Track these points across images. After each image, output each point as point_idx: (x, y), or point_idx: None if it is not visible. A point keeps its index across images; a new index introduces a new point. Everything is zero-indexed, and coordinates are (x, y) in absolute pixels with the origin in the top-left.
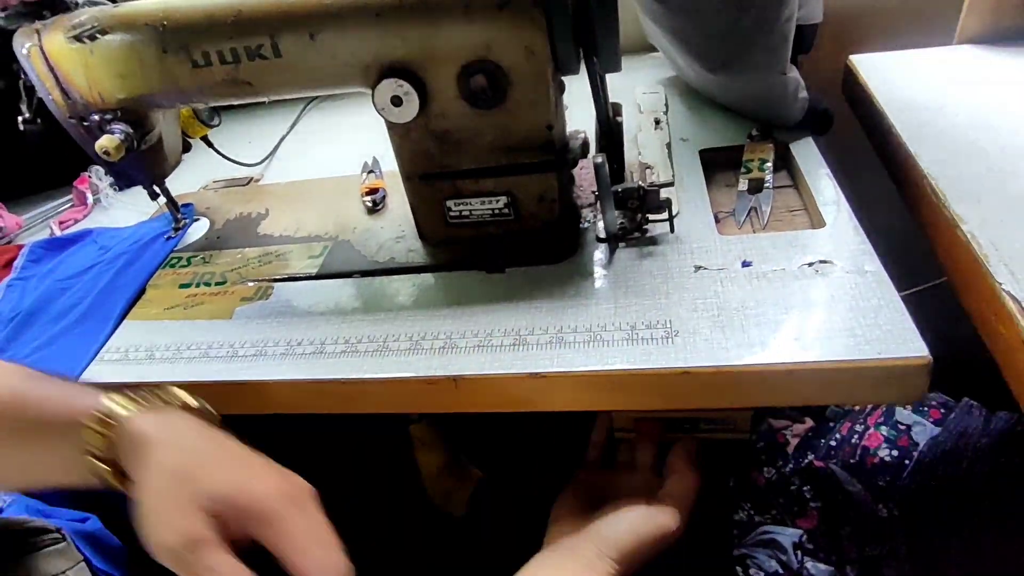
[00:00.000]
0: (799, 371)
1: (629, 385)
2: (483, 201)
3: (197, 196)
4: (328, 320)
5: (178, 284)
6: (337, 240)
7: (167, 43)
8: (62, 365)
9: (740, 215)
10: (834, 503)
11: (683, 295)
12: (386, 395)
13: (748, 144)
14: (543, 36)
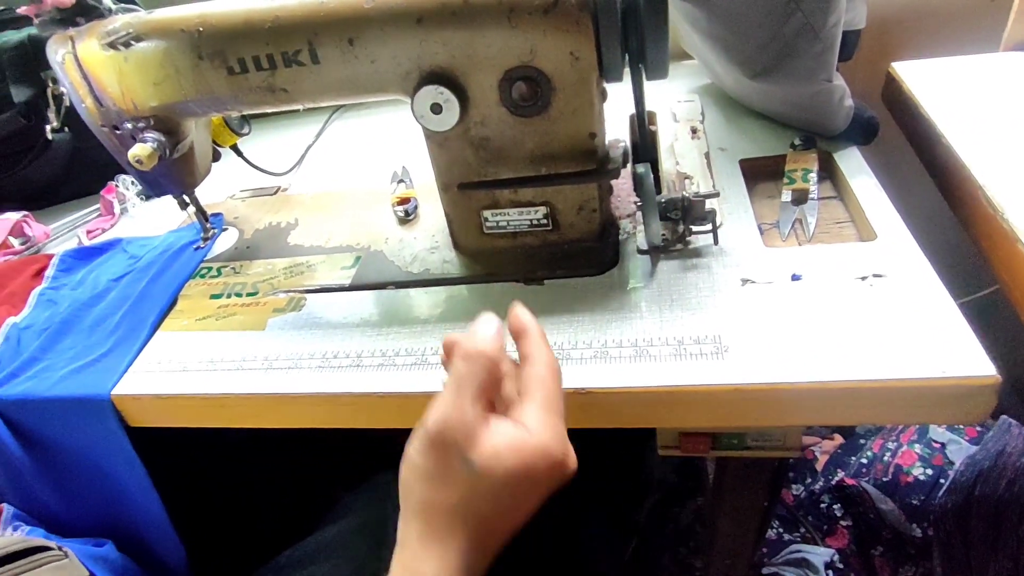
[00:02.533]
0: (858, 389)
1: (678, 402)
2: (521, 211)
3: (224, 205)
4: (363, 332)
5: (209, 295)
6: (369, 251)
7: (202, 49)
8: (97, 376)
9: (784, 227)
10: (866, 522)
11: (732, 309)
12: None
13: (790, 154)
14: (589, 41)
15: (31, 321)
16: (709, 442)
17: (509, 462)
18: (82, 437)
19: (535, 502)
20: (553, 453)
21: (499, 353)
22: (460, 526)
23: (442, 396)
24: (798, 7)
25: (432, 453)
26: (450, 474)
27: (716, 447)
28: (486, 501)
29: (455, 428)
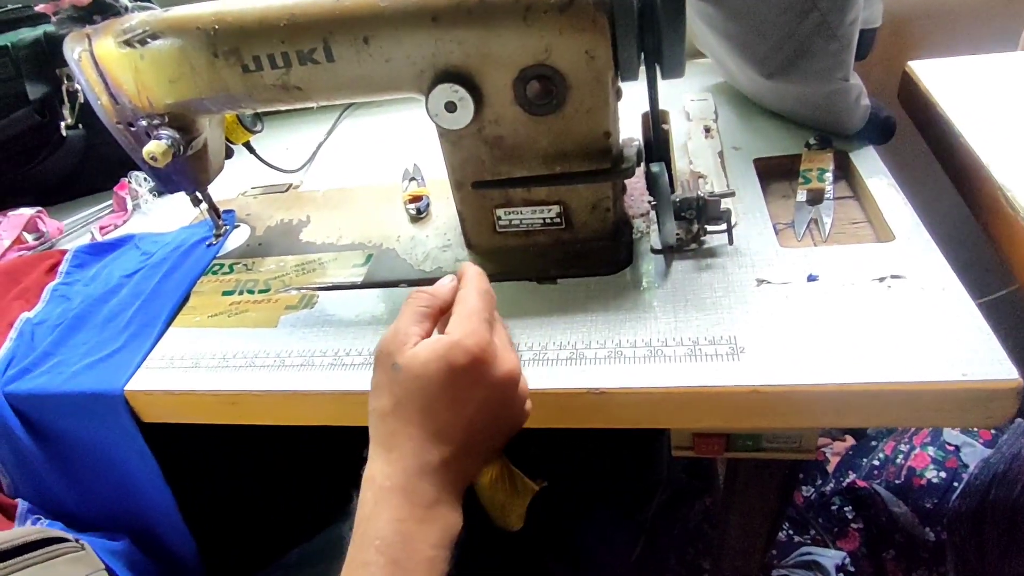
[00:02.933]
0: (877, 392)
1: (694, 403)
2: (534, 210)
3: (236, 202)
4: (376, 330)
5: (221, 291)
6: (381, 248)
7: (218, 47)
8: (110, 372)
9: (800, 227)
10: (878, 525)
11: (747, 310)
12: None
13: (805, 153)
14: (605, 40)
15: (44, 316)
16: (723, 443)
17: (425, 355)
18: (95, 432)
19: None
20: (466, 345)
21: (441, 292)
22: (402, 426)
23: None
24: (815, 5)
25: (375, 367)
26: (385, 381)
27: (730, 448)
28: (416, 396)
29: (390, 342)
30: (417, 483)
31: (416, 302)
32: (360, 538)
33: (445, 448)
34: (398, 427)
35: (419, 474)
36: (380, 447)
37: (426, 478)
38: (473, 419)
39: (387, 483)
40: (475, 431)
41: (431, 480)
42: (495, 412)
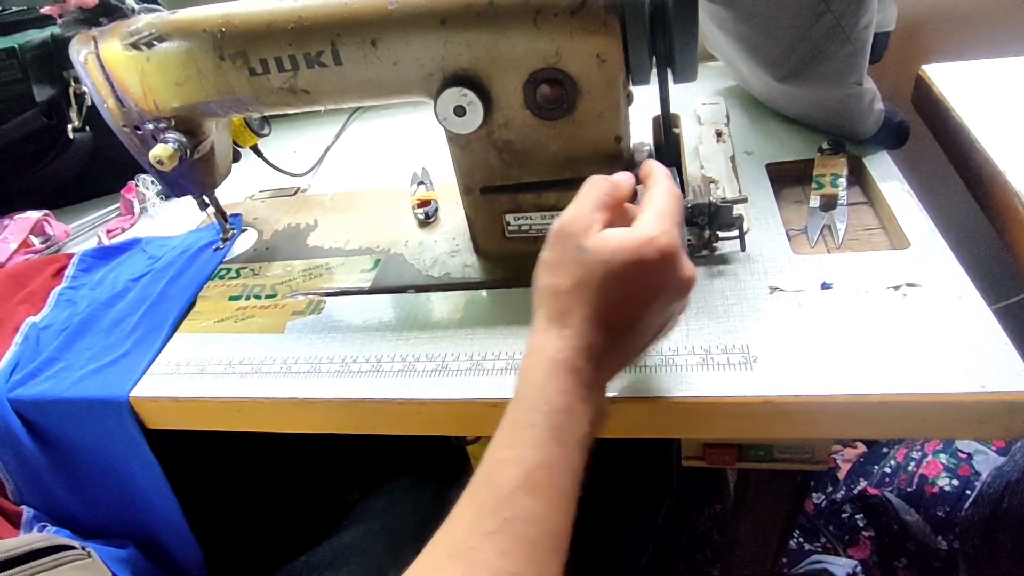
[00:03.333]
0: (893, 403)
1: (705, 413)
2: (544, 215)
3: (243, 206)
4: (383, 337)
5: (228, 296)
6: (389, 253)
7: (225, 50)
8: (115, 378)
9: (812, 233)
10: (889, 533)
11: (760, 318)
12: (447, 417)
13: (818, 158)
14: (617, 43)
15: (51, 321)
16: (735, 454)
17: (616, 243)
18: (99, 438)
19: (648, 290)
20: (661, 243)
21: (623, 185)
22: (577, 306)
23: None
24: (828, 8)
25: (553, 245)
26: (567, 260)
27: (742, 459)
28: (598, 280)
29: (573, 222)
30: (584, 362)
31: (599, 189)
32: (528, 401)
33: (612, 335)
34: (573, 306)
35: (586, 354)
36: (552, 322)
37: (592, 360)
38: (644, 313)
39: (558, 356)
40: (642, 326)
41: (595, 363)
42: (663, 312)
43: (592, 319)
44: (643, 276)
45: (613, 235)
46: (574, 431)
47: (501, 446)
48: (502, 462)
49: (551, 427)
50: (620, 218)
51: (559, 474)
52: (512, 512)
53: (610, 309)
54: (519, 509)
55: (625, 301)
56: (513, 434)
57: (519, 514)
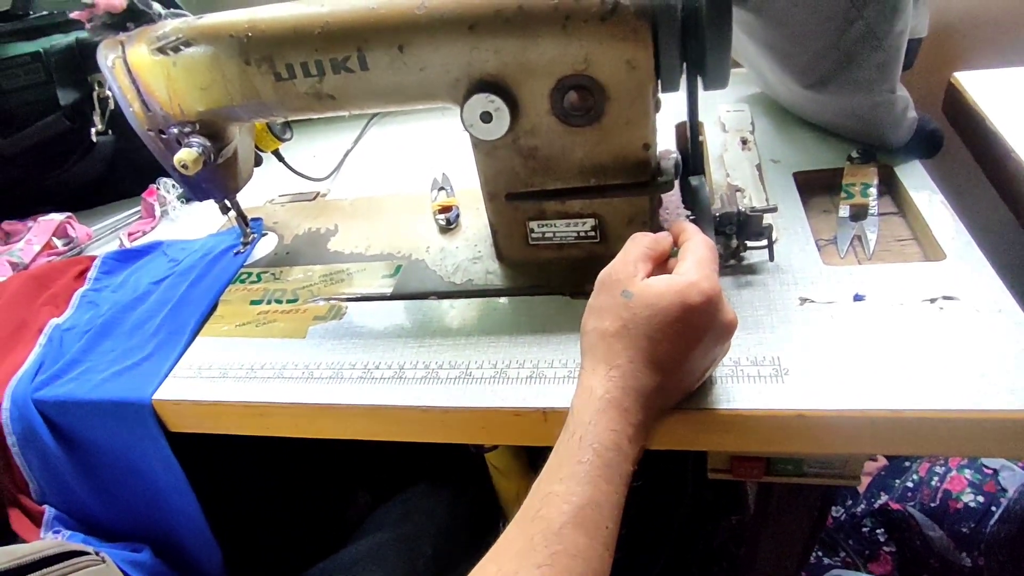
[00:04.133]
0: (930, 420)
1: (735, 426)
2: (568, 223)
3: (263, 210)
4: (406, 343)
5: (249, 300)
6: (411, 259)
7: (250, 55)
8: (138, 380)
9: (842, 244)
10: (911, 549)
11: (790, 330)
12: (472, 426)
13: (848, 167)
14: (647, 50)
15: (73, 322)
16: (763, 467)
17: (661, 288)
18: (122, 440)
19: (692, 333)
20: (703, 287)
21: (663, 241)
22: (622, 348)
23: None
24: (860, 14)
25: (600, 292)
26: (613, 305)
27: (770, 472)
28: (644, 323)
29: (619, 271)
30: (632, 403)
31: (642, 243)
32: (577, 439)
33: (659, 377)
34: (620, 348)
35: (634, 396)
36: (600, 363)
37: (640, 400)
38: (689, 356)
39: (607, 396)
40: (687, 367)
41: (642, 403)
42: (707, 355)
43: (639, 361)
44: (687, 319)
45: (656, 281)
46: (621, 469)
47: (552, 480)
48: (553, 497)
49: (601, 464)
50: (661, 269)
51: (606, 511)
52: (561, 546)
53: (656, 351)
54: (568, 544)
55: (670, 343)
56: (564, 469)
57: (568, 548)
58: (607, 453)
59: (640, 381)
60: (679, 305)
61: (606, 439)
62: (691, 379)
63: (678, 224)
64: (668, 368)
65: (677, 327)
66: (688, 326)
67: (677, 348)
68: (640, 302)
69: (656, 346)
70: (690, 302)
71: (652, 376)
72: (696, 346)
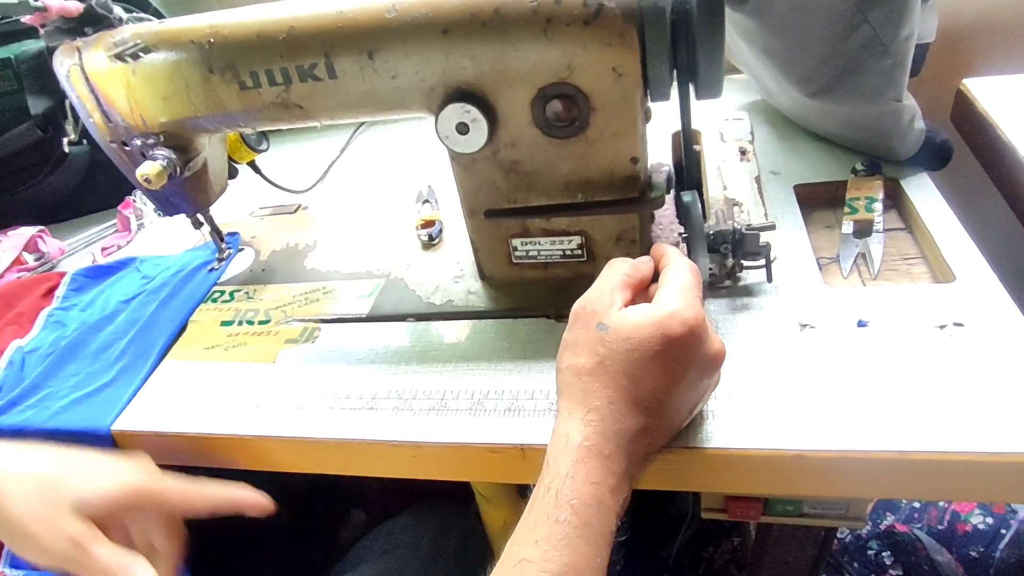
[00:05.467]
0: (941, 463)
1: (728, 466)
2: (553, 241)
3: (242, 224)
4: (379, 369)
5: (220, 321)
6: (390, 278)
7: (213, 62)
8: (98, 408)
9: (845, 263)
10: (919, 573)
11: (789, 359)
12: (444, 461)
13: (852, 180)
14: (634, 56)
15: (37, 344)
16: (760, 508)
17: (638, 319)
18: None
19: (675, 366)
20: (684, 316)
21: (642, 268)
22: (601, 387)
23: (588, 290)
24: (865, 19)
25: (573, 325)
26: (588, 339)
27: (768, 512)
28: (622, 358)
29: (593, 301)
30: (614, 449)
31: (620, 270)
32: (553, 495)
33: (642, 418)
34: (597, 388)
35: (616, 440)
36: (577, 405)
37: (622, 446)
38: (673, 392)
39: (585, 443)
40: (673, 405)
41: (625, 449)
42: (694, 388)
43: (618, 401)
44: (668, 352)
45: (634, 311)
46: (604, 527)
47: (526, 543)
48: (527, 565)
49: (580, 524)
50: (642, 297)
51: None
52: None
53: (637, 389)
54: None
55: (652, 380)
56: (539, 530)
57: None
58: (587, 510)
59: (621, 424)
60: (659, 337)
61: (585, 494)
62: (678, 418)
63: (659, 247)
64: (652, 407)
65: (659, 362)
66: (670, 360)
67: (660, 385)
68: (616, 335)
69: (637, 384)
70: (671, 333)
71: (635, 417)
72: (680, 381)
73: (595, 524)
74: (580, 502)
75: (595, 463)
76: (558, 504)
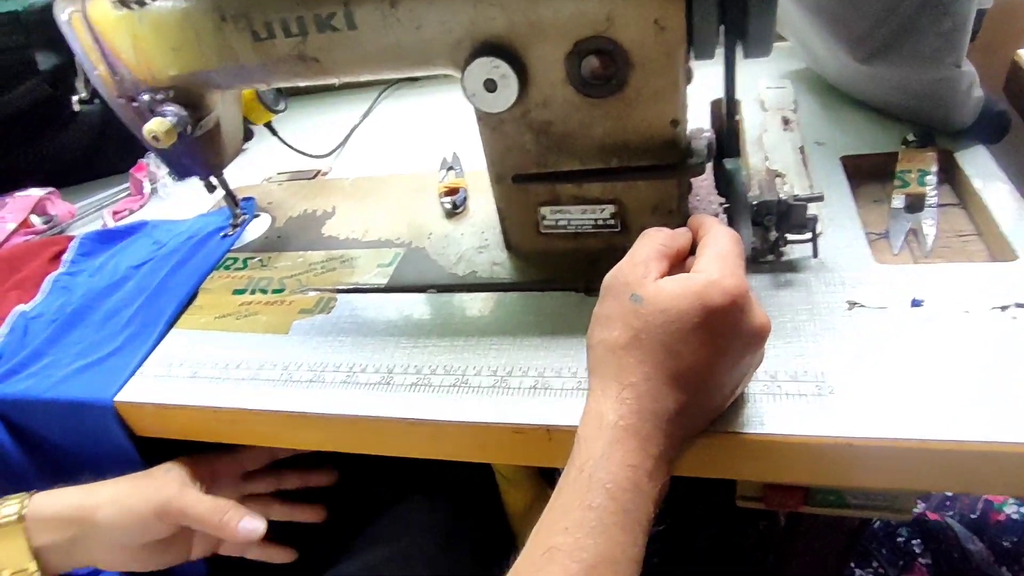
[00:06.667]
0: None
1: (770, 452)
2: (585, 210)
3: (259, 189)
4: (398, 343)
5: (232, 289)
6: (411, 247)
7: (225, 10)
8: (102, 378)
9: (896, 239)
10: (949, 562)
11: (836, 339)
12: (464, 442)
13: (903, 151)
14: (679, 8)
15: (42, 310)
16: (801, 497)
17: (676, 291)
18: (86, 442)
19: (717, 341)
20: (726, 286)
21: (679, 237)
22: (637, 364)
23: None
24: None
25: (606, 298)
26: (622, 313)
27: (809, 502)
28: (659, 332)
29: (626, 273)
30: (651, 430)
31: (655, 239)
32: (586, 478)
33: (681, 396)
34: (632, 364)
35: (654, 420)
36: (610, 382)
37: (660, 426)
38: (715, 369)
39: (621, 422)
40: (714, 383)
41: (664, 430)
42: (737, 366)
43: (656, 377)
44: (709, 323)
45: (671, 282)
46: (640, 513)
47: (555, 530)
48: (557, 553)
49: (616, 509)
50: (679, 270)
51: (624, 569)
52: None
53: (676, 365)
54: None
55: (691, 354)
56: (570, 516)
57: None
58: (623, 495)
59: (659, 402)
60: (699, 308)
61: (621, 477)
62: (719, 397)
63: (697, 217)
64: (691, 385)
65: (699, 335)
66: (711, 333)
67: (700, 360)
68: (653, 307)
69: (676, 359)
70: (712, 304)
71: (673, 395)
72: (722, 356)
73: (631, 510)
74: (616, 486)
75: (632, 444)
76: (591, 488)
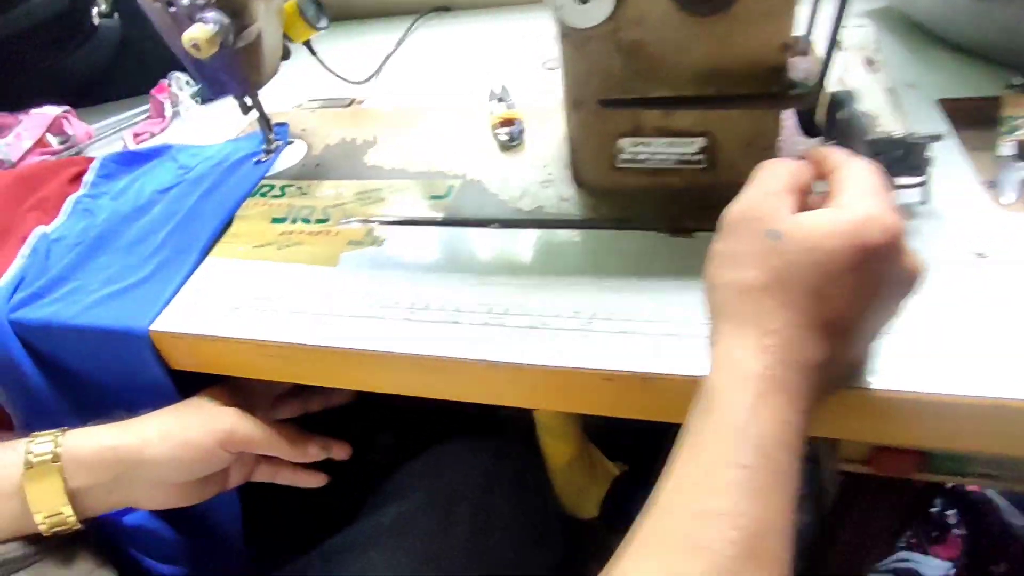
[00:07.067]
0: None
1: (883, 410)
2: (670, 142)
3: (291, 115)
4: (463, 279)
5: (271, 218)
6: (465, 179)
7: None
8: (134, 306)
9: (1006, 188)
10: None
11: (960, 291)
12: (546, 388)
13: (1008, 95)
14: None
15: (64, 232)
16: (915, 462)
17: (827, 226)
18: (117, 373)
19: (872, 283)
20: (886, 223)
21: (804, 168)
22: (779, 307)
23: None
24: None
25: (730, 234)
26: (756, 250)
27: (926, 469)
28: (806, 272)
29: (756, 207)
30: (800, 382)
31: (782, 169)
32: (731, 433)
33: (827, 345)
34: (774, 307)
35: (801, 372)
36: (748, 328)
37: (809, 378)
38: (864, 315)
39: (768, 372)
40: (859, 331)
41: (811, 382)
42: (883, 313)
43: (804, 326)
44: (865, 264)
45: (815, 216)
46: (793, 474)
47: (701, 490)
48: (712, 517)
49: (774, 470)
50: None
51: (787, 543)
52: None
53: (822, 310)
54: None
55: (841, 298)
56: (719, 475)
57: None
58: (776, 453)
59: (805, 353)
60: (856, 247)
61: (775, 433)
62: (861, 346)
63: (819, 150)
64: (837, 333)
65: (853, 276)
66: (866, 274)
67: (850, 305)
68: (797, 245)
69: (824, 304)
70: (870, 242)
71: (820, 345)
72: (872, 302)
73: (787, 471)
74: (768, 441)
75: (781, 397)
76: (740, 445)
